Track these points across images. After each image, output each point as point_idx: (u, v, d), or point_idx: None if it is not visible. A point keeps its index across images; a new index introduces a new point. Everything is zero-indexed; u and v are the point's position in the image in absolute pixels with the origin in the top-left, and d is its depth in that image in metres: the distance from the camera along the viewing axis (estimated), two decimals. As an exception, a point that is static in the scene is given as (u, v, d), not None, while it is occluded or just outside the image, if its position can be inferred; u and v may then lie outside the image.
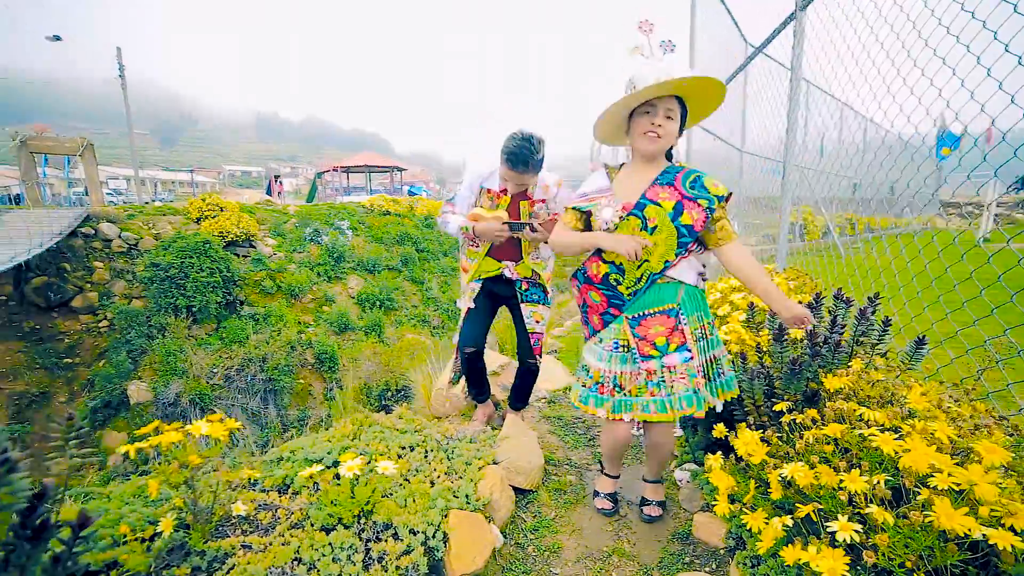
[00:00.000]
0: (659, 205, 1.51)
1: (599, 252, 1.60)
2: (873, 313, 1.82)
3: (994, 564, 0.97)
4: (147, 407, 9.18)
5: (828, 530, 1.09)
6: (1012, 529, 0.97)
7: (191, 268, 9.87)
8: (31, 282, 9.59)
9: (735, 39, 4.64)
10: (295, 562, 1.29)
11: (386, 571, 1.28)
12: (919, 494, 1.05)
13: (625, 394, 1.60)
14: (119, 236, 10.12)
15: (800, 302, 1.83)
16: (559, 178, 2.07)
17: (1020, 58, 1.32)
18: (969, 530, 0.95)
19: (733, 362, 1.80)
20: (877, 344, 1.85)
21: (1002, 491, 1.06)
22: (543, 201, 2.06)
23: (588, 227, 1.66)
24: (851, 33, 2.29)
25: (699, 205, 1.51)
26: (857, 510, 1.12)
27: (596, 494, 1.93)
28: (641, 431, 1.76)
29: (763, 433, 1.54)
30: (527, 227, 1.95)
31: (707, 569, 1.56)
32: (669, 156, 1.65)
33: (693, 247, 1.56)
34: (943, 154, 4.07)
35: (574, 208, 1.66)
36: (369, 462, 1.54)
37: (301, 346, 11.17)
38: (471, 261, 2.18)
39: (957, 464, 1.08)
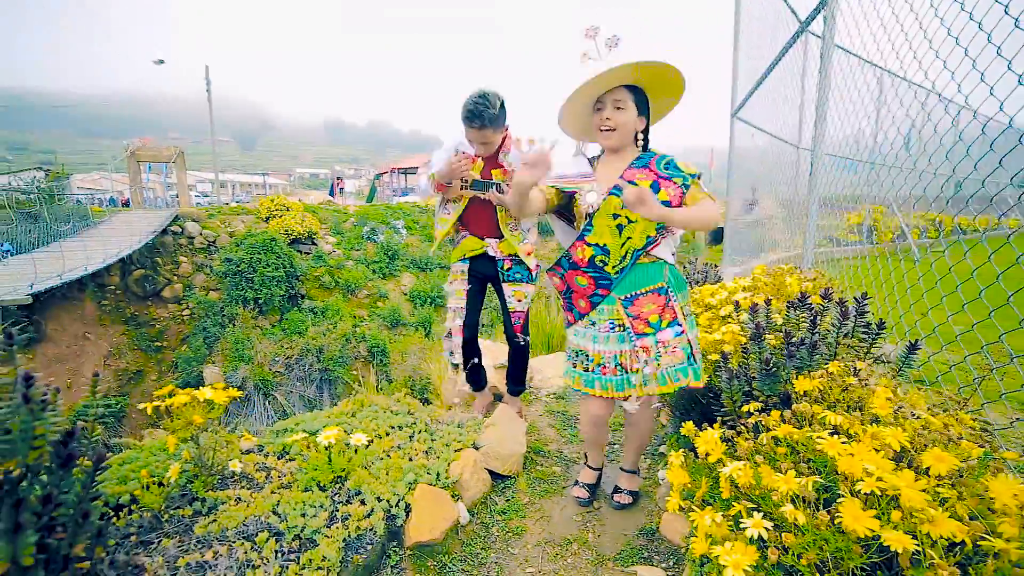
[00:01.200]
0: (635, 184, 1.55)
1: (582, 236, 1.64)
2: (862, 315, 1.74)
3: (898, 567, 0.94)
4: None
5: (740, 527, 1.10)
6: (929, 535, 0.94)
7: (259, 263, 10.80)
8: (132, 274, 10.93)
9: (783, 20, 4.27)
10: (272, 514, 1.48)
11: (346, 529, 1.43)
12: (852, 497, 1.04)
13: (628, 372, 1.65)
14: (200, 234, 11.27)
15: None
16: (531, 137, 2.13)
17: None
18: (872, 532, 0.93)
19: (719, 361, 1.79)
20: (871, 347, 1.77)
21: (936, 499, 1.03)
22: (507, 172, 2.13)
23: (568, 207, 1.71)
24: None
25: (674, 183, 1.56)
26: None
27: (576, 483, 1.98)
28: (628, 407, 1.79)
29: (734, 433, 1.54)
30: (493, 187, 2.02)
31: (663, 566, 1.57)
32: (646, 145, 1.69)
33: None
34: None
35: (554, 187, 1.68)
36: (349, 435, 1.70)
37: (355, 339, 11.84)
38: (442, 227, 2.28)
39: (902, 470, 1.05)
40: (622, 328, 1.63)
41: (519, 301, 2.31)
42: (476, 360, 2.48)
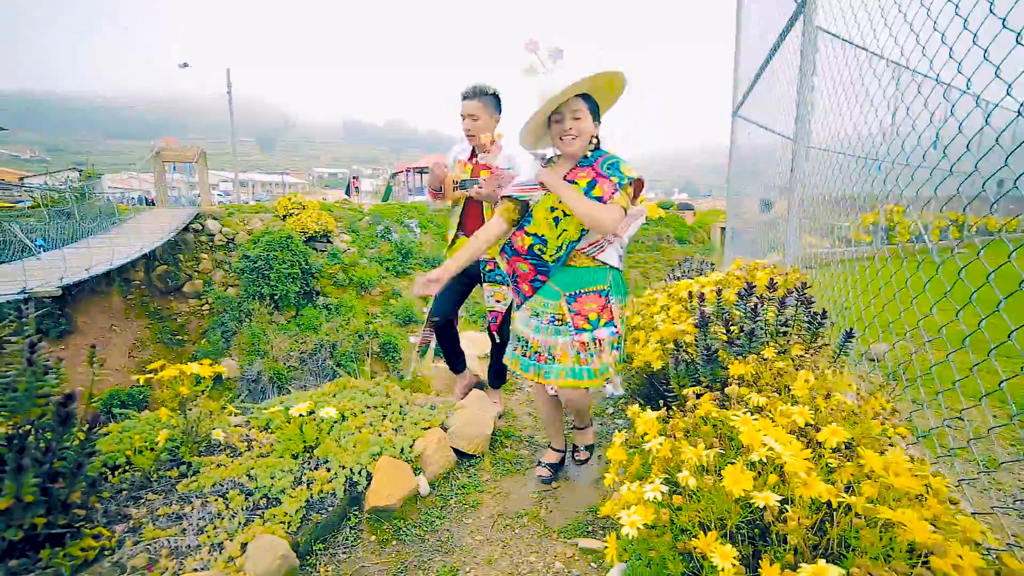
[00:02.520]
0: (575, 183, 1.68)
1: (522, 226, 1.76)
2: (807, 304, 1.82)
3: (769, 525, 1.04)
4: (235, 382, 10.55)
5: (644, 494, 1.21)
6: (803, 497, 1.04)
7: (275, 260, 11.16)
8: (156, 269, 11.42)
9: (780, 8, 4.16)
10: (246, 477, 1.64)
11: (310, 491, 1.59)
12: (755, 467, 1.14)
13: (556, 363, 1.79)
14: (220, 231, 11.70)
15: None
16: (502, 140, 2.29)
17: None
18: (746, 492, 1.04)
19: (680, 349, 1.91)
20: (816, 334, 1.85)
21: (818, 466, 1.13)
22: (491, 170, 2.28)
23: (524, 216, 1.82)
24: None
25: (610, 181, 1.66)
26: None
27: (539, 463, 2.11)
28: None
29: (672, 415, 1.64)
30: (476, 184, 2.18)
31: (603, 539, 1.68)
32: (598, 144, 1.79)
33: None
34: None
35: (512, 197, 1.81)
36: (320, 410, 1.86)
37: (368, 335, 12.12)
38: (452, 231, 2.46)
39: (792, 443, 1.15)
40: (561, 323, 1.76)
41: (498, 302, 2.44)
42: (456, 351, 2.61)
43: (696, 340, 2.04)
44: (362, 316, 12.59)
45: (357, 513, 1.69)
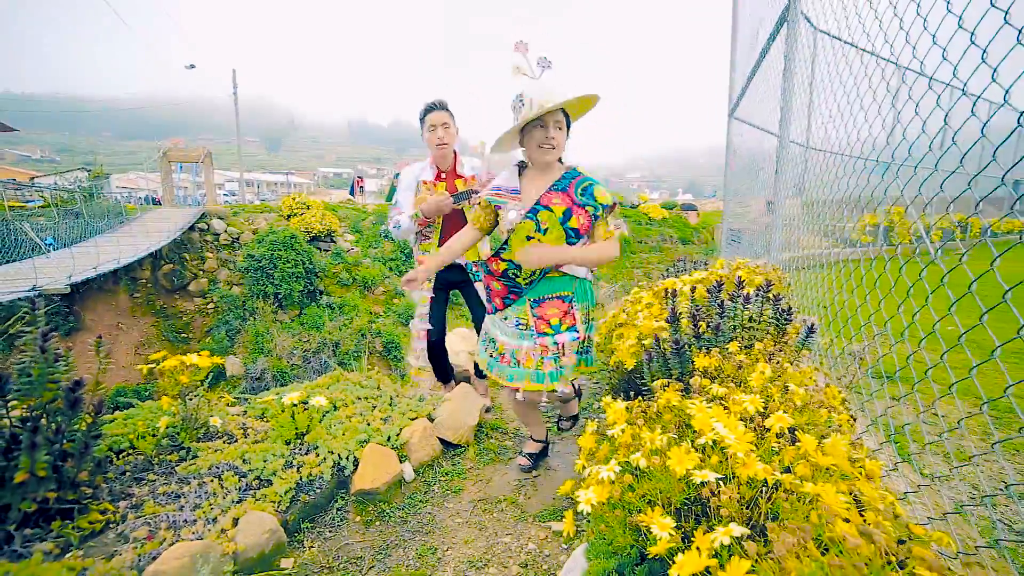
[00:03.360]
0: (550, 210, 1.71)
1: (498, 253, 1.81)
2: (773, 302, 1.91)
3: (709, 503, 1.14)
4: (239, 379, 10.72)
5: (599, 474, 1.31)
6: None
7: (279, 259, 11.32)
8: (162, 268, 11.61)
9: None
10: (241, 460, 1.76)
11: (299, 473, 1.70)
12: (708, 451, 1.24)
13: (520, 366, 1.86)
14: (225, 231, 11.88)
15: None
16: (486, 170, 2.38)
17: None
18: (688, 471, 1.14)
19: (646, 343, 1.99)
20: (783, 330, 1.94)
21: (761, 449, 1.22)
22: (473, 177, 2.37)
23: (495, 221, 1.90)
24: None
25: (586, 211, 1.72)
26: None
27: (521, 453, 2.21)
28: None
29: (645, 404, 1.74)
30: (471, 195, 2.25)
31: (577, 523, 1.78)
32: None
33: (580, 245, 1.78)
34: None
35: (488, 201, 1.84)
36: (308, 399, 1.97)
37: (371, 335, 12.25)
38: (424, 254, 2.53)
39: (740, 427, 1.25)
40: (526, 328, 1.83)
41: None
42: (445, 365, 2.72)
43: (669, 335, 2.14)
44: (365, 315, 12.73)
45: (344, 496, 1.80)
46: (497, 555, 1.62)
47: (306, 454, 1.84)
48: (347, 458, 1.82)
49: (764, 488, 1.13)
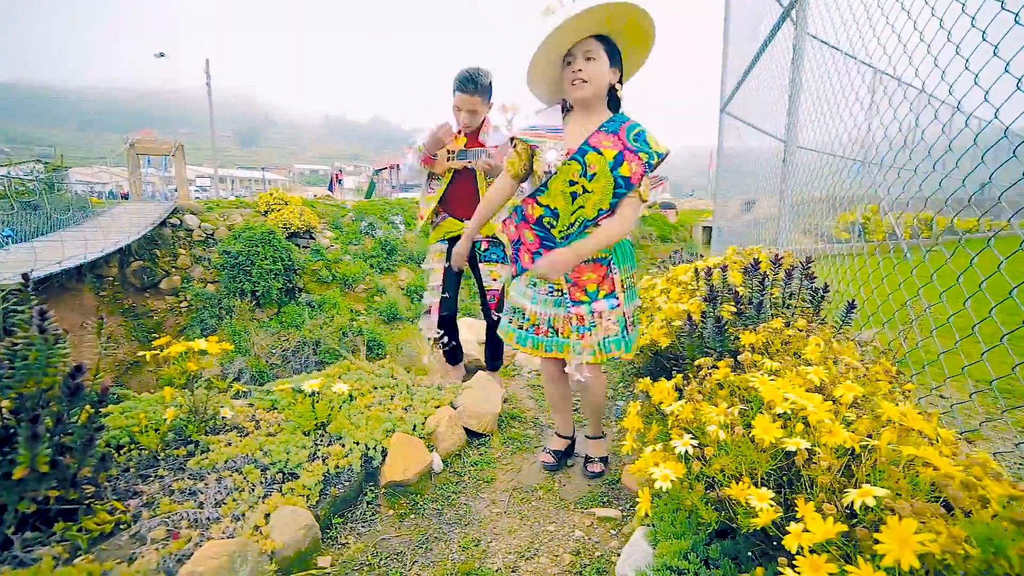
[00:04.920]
0: (600, 153, 1.52)
1: (535, 195, 1.60)
2: (810, 280, 1.88)
3: (797, 471, 1.08)
4: (216, 379, 10.29)
5: (672, 448, 1.24)
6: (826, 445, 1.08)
7: (256, 256, 10.91)
8: (131, 265, 11.04)
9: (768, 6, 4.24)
10: (260, 452, 1.61)
11: (326, 465, 1.57)
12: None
13: (559, 336, 1.71)
14: (199, 226, 11.39)
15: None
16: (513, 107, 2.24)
17: None
18: (776, 440, 1.07)
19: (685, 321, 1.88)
20: (818, 308, 1.91)
21: (841, 419, 1.17)
22: (496, 147, 2.25)
23: (531, 167, 1.67)
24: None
25: (639, 158, 1.53)
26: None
27: (544, 449, 2.09)
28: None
29: (686, 383, 1.68)
30: (483, 154, 2.13)
31: (620, 509, 1.71)
32: (617, 106, 1.64)
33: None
34: None
35: (523, 140, 1.64)
36: (324, 388, 1.84)
37: (352, 333, 11.94)
38: (428, 206, 2.41)
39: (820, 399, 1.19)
40: (560, 293, 1.67)
41: (495, 280, 2.44)
42: (454, 343, 2.60)
43: (704, 314, 2.09)
44: (346, 313, 12.42)
45: (373, 488, 1.68)
46: (544, 544, 1.53)
47: (329, 445, 1.70)
48: (375, 448, 1.70)
49: (852, 457, 1.07)
